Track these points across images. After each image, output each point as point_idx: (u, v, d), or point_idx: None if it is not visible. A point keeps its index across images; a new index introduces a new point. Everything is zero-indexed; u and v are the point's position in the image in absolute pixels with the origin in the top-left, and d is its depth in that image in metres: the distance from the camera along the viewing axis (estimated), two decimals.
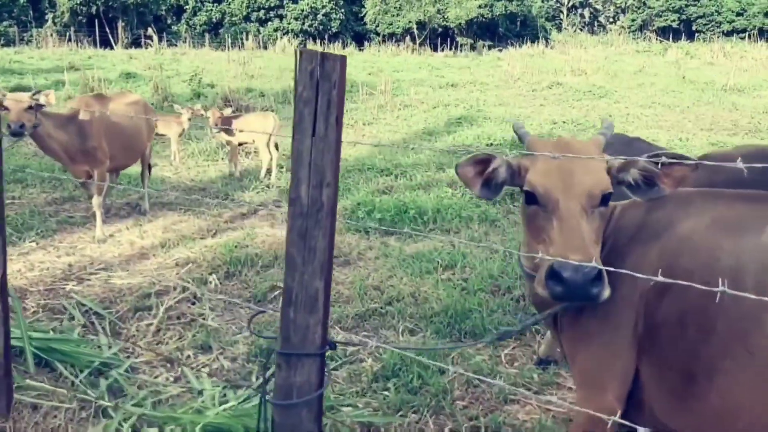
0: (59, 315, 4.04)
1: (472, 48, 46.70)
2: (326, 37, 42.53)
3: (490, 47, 42.87)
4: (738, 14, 53.05)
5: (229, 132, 7.11)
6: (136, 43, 36.80)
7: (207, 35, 39.46)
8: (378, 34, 47.67)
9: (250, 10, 44.28)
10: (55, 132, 4.99)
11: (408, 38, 42.73)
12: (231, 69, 21.15)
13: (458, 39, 49.07)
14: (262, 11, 44.44)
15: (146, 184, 6.29)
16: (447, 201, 6.08)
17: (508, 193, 6.49)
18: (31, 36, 36.05)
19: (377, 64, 26.34)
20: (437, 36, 47.86)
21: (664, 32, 56.28)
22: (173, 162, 8.17)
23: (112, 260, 4.95)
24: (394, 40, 45.17)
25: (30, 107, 4.78)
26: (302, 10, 44.05)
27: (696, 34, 54.06)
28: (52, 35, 34.16)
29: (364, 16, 48.72)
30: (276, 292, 4.39)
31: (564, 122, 10.70)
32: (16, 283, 4.45)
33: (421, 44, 42.72)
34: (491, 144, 9.05)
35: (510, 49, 39.46)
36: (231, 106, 11.92)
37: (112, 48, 34.64)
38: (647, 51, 38.55)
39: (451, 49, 43.65)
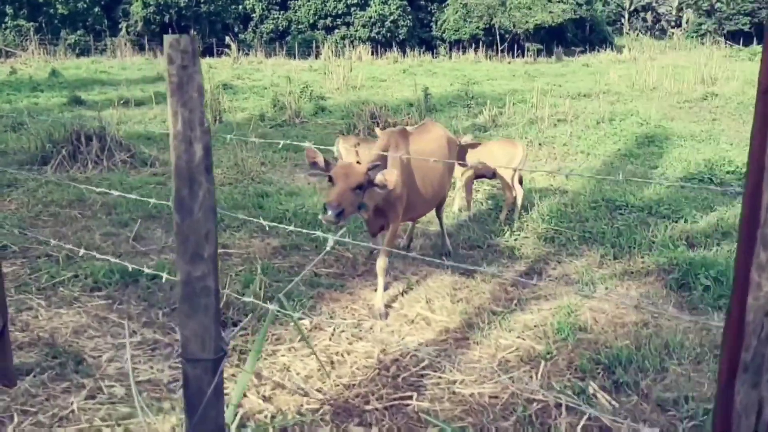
0: None
1: (539, 53, 45.00)
2: (393, 44, 41.44)
3: (566, 53, 41.20)
4: None
5: (463, 164, 5.82)
6: (207, 51, 36.30)
7: (278, 44, 38.79)
8: (444, 40, 46.52)
9: (317, 17, 43.51)
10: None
11: (475, 45, 41.30)
12: (319, 79, 20.01)
13: (526, 45, 47.47)
14: (329, 18, 43.61)
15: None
16: None
17: None
18: (105, 45, 35.94)
19: (466, 73, 24.99)
20: (503, 42, 46.41)
21: (733, 36, 53.54)
22: None
23: (424, 350, 3.66)
24: (459, 47, 43.82)
25: (359, 187, 3.44)
26: (370, 18, 43.08)
27: None
28: (126, 44, 33.94)
29: (430, 22, 47.63)
30: None
31: None
32: (333, 393, 3.19)
33: (490, 51, 41.32)
34: (733, 171, 7.54)
35: (589, 55, 37.74)
36: (378, 125, 10.69)
37: None
38: (731, 56, 36.33)
39: (517, 54, 42.07)
